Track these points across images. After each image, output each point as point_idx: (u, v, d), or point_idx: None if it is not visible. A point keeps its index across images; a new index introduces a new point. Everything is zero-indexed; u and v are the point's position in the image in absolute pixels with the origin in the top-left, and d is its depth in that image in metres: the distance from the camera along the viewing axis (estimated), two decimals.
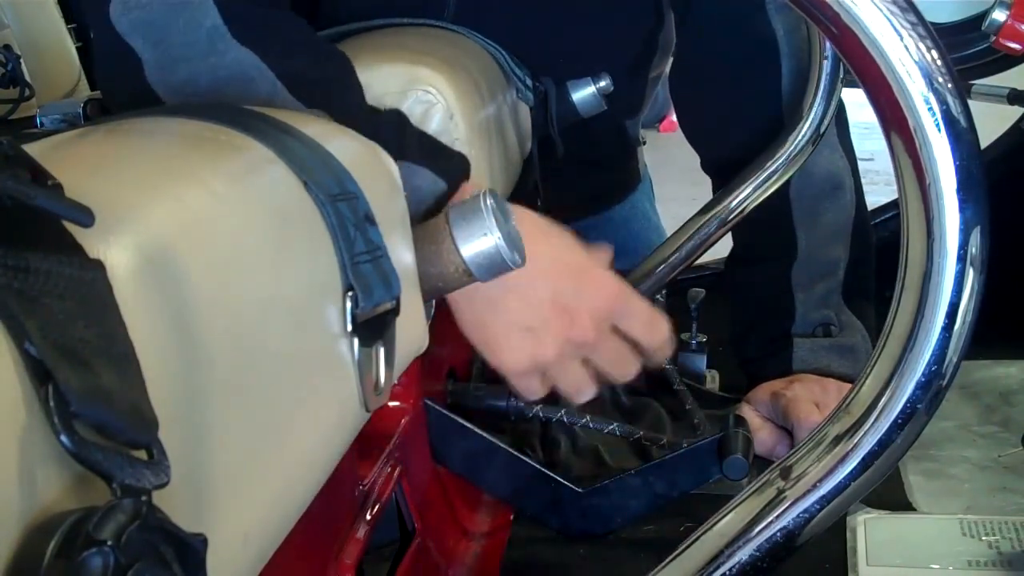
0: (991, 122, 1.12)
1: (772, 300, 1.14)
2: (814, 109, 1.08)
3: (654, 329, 0.85)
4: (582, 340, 0.81)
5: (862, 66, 0.58)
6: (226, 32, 0.77)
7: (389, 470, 0.81)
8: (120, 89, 0.81)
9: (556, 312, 0.80)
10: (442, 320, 0.80)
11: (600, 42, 1.22)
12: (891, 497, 0.95)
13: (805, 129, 1.09)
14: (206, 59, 0.77)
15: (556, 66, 1.16)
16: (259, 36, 0.78)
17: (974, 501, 0.95)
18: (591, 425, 1.00)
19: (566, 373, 0.83)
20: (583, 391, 0.85)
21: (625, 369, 0.85)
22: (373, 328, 0.60)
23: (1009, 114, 1.42)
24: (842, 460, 0.64)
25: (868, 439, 0.63)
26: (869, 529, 0.90)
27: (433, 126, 0.91)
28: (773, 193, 1.12)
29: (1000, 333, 0.88)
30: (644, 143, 1.56)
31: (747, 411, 1.05)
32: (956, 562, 0.85)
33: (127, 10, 0.77)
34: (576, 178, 1.26)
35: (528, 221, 0.82)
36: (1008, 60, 1.43)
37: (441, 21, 1.09)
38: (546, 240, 0.83)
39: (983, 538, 0.87)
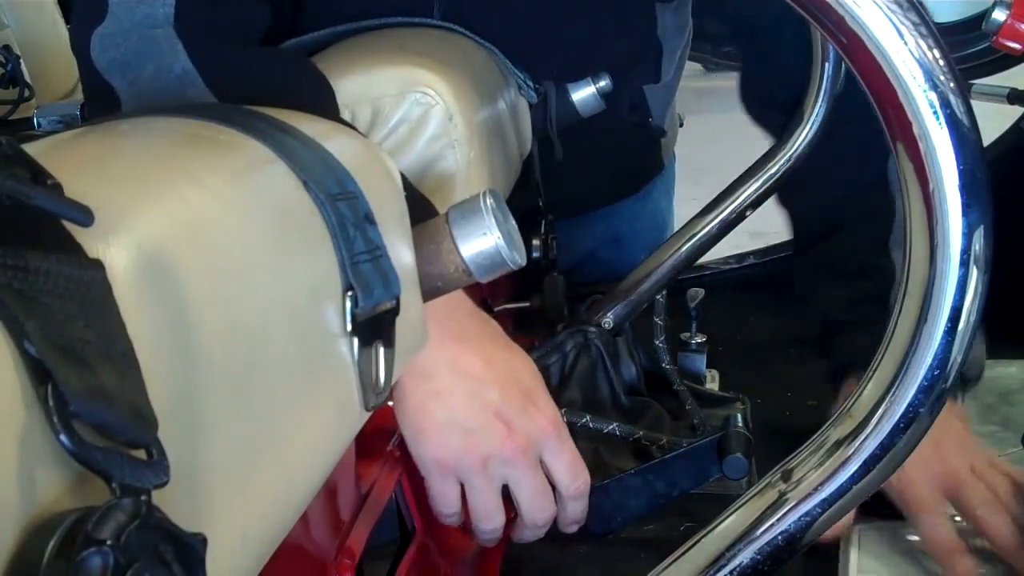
0: (991, 122, 1.12)
1: (870, 266, 1.05)
2: (815, 110, 1.08)
3: (575, 474, 0.85)
4: (511, 457, 0.81)
5: (865, 68, 0.57)
6: (197, 78, 0.78)
7: (389, 470, 0.81)
8: None
9: (497, 421, 0.80)
10: None
11: (586, 31, 1.21)
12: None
13: (806, 130, 1.09)
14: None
15: (545, 64, 1.16)
16: (229, 83, 0.78)
17: None
18: (591, 425, 1.00)
19: (482, 491, 0.82)
20: (491, 517, 0.83)
21: (541, 508, 0.84)
22: (373, 328, 0.60)
23: (1009, 114, 1.42)
24: (844, 463, 0.64)
25: (870, 443, 0.63)
26: (863, 538, 0.90)
27: (432, 127, 0.91)
28: (851, 162, 1.06)
29: (1000, 333, 0.88)
30: (682, 125, 1.50)
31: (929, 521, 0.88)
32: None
33: (104, 49, 0.79)
34: (582, 169, 1.26)
35: (499, 336, 0.84)
36: (1008, 60, 1.43)
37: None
38: (510, 354, 0.84)
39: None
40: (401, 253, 0.66)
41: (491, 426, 0.80)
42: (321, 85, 0.85)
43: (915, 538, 0.89)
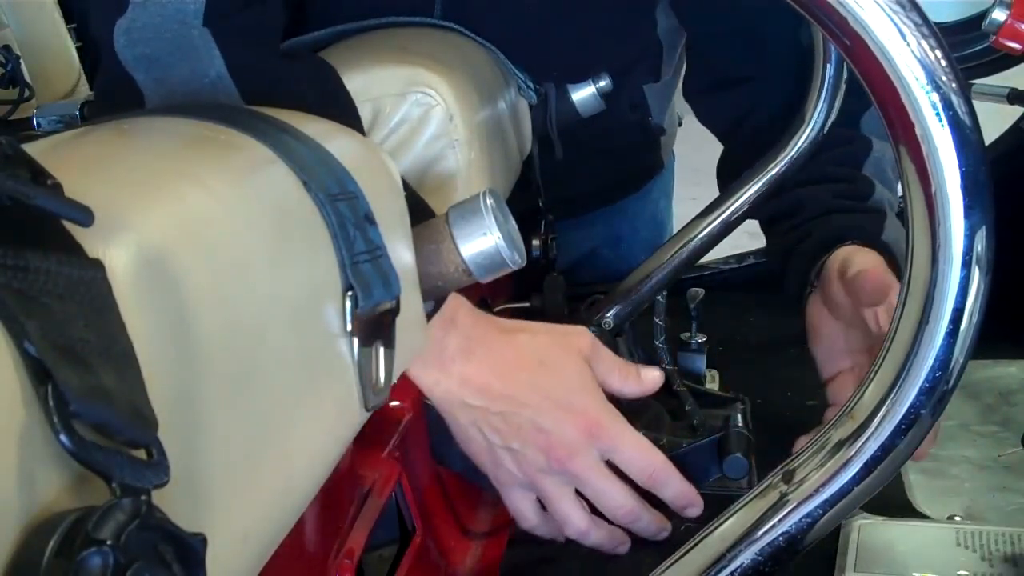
0: (991, 122, 1.11)
1: (850, 175, 1.08)
2: (816, 111, 1.08)
3: (646, 459, 0.85)
4: (560, 467, 0.83)
5: (867, 69, 0.57)
6: (231, 84, 0.77)
7: (389, 470, 0.81)
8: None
9: (536, 436, 0.83)
10: None
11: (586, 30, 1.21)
12: (891, 496, 0.94)
13: (807, 131, 1.09)
14: None
15: (546, 64, 1.16)
16: (261, 92, 0.77)
17: (974, 501, 0.95)
18: None
19: (553, 499, 0.85)
20: (571, 523, 0.85)
21: (616, 506, 0.85)
22: (373, 328, 0.60)
23: (1009, 114, 1.42)
24: (845, 465, 0.64)
25: (871, 444, 0.63)
26: (863, 535, 0.90)
27: (432, 128, 0.91)
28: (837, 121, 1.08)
29: (1000, 333, 0.88)
30: (681, 124, 1.51)
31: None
32: (946, 572, 0.84)
33: (131, 43, 0.77)
34: (582, 168, 1.26)
35: (524, 352, 0.85)
36: (1008, 60, 1.42)
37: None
38: (535, 373, 0.85)
39: (977, 549, 0.87)
40: (401, 253, 0.66)
41: (533, 442, 0.83)
42: (347, 100, 0.85)
43: (914, 535, 0.89)
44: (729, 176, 1.14)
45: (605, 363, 0.88)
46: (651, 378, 0.89)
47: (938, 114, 0.56)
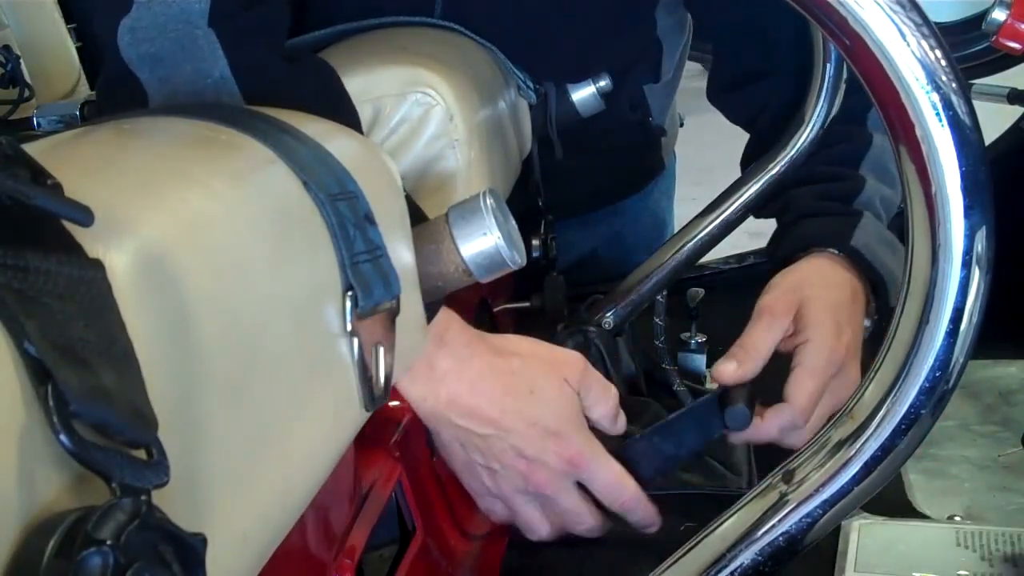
0: (991, 122, 1.11)
1: (841, 173, 1.09)
2: (816, 111, 1.08)
3: (616, 492, 0.87)
4: (537, 491, 0.85)
5: (867, 69, 0.57)
6: (234, 84, 0.77)
7: (389, 470, 0.81)
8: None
9: (518, 461, 0.84)
10: None
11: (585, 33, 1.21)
12: (890, 496, 0.94)
13: (807, 131, 1.09)
14: None
15: (545, 64, 1.16)
16: (263, 93, 0.77)
17: (974, 500, 0.95)
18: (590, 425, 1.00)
19: (520, 512, 0.88)
20: (535, 530, 0.89)
21: (577, 523, 0.88)
22: (373, 328, 0.60)
23: (1009, 114, 1.42)
24: (845, 465, 0.64)
25: (871, 444, 0.63)
26: (863, 535, 0.90)
27: (432, 128, 0.91)
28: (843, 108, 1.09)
29: (1000, 333, 0.88)
30: (682, 125, 1.52)
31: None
32: (946, 572, 0.84)
33: (135, 42, 0.77)
34: (583, 168, 1.26)
35: (518, 378, 0.85)
36: (1008, 60, 1.42)
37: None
38: (527, 400, 0.85)
39: (977, 549, 0.87)
40: (401, 253, 0.66)
41: (512, 466, 0.85)
42: (347, 101, 0.85)
43: (914, 535, 0.89)
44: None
45: (593, 393, 0.88)
46: (622, 424, 0.90)
47: (938, 114, 0.56)
